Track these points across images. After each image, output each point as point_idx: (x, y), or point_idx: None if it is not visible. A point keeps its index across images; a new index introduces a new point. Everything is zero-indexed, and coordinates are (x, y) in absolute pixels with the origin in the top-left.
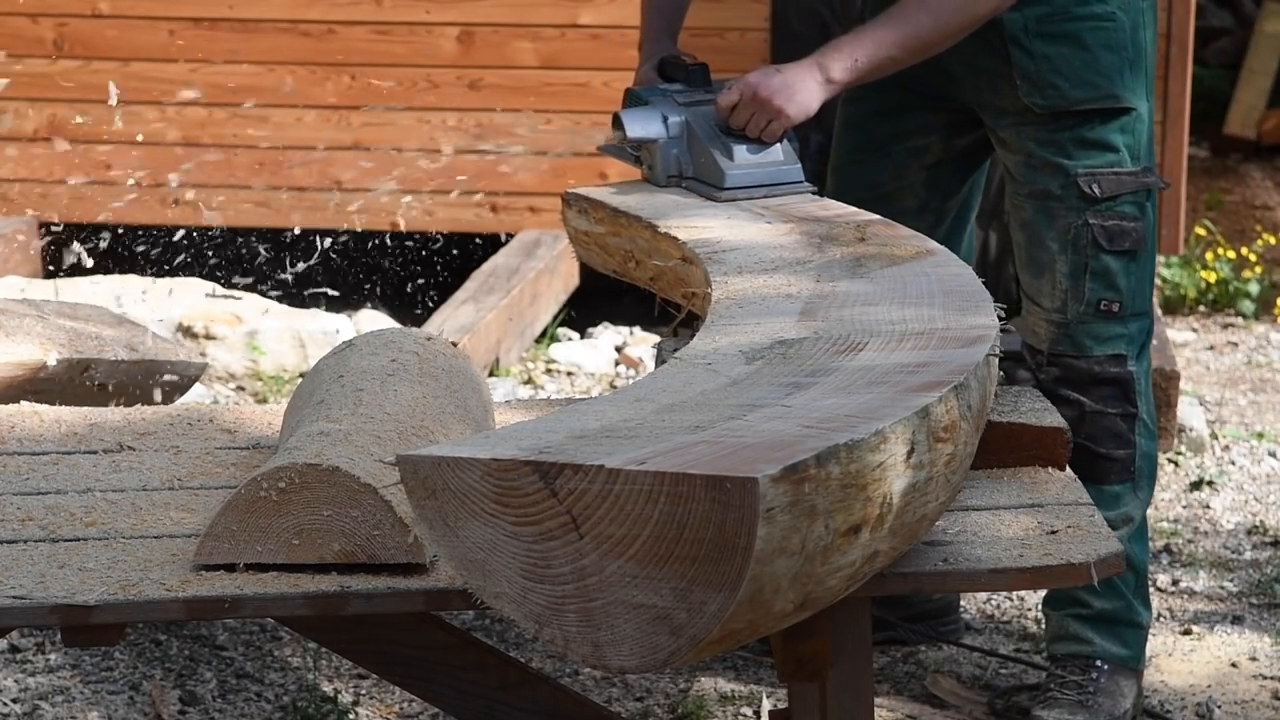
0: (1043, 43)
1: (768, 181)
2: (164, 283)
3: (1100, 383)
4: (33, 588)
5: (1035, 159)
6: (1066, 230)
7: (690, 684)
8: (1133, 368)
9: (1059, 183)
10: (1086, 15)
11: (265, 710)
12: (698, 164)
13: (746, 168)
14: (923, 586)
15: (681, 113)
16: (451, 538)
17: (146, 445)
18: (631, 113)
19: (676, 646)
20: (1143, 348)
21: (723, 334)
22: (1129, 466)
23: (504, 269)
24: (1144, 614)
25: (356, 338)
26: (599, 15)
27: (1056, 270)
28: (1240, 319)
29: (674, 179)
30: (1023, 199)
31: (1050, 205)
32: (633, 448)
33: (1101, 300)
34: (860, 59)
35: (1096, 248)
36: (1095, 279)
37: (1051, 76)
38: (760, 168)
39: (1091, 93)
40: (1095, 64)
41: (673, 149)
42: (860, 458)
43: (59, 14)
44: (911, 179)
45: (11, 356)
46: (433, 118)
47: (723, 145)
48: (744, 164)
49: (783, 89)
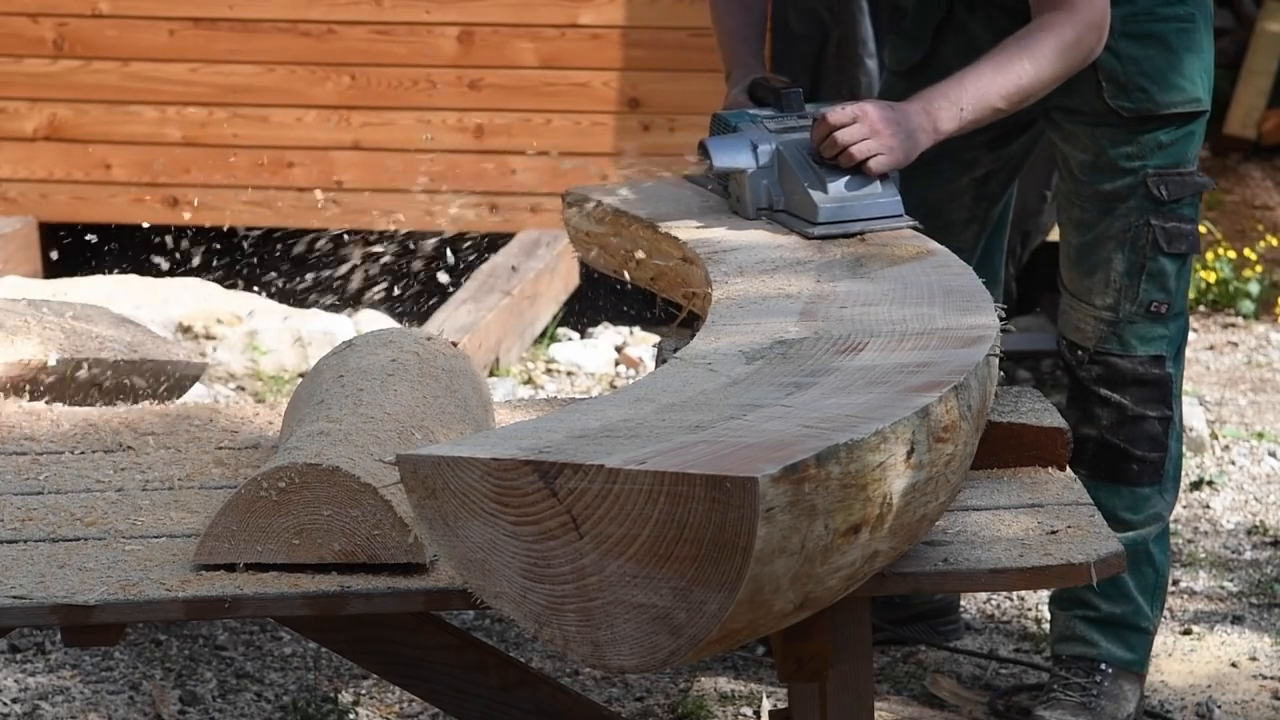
0: (1129, 43)
1: (864, 215)
2: (164, 282)
3: (1141, 383)
4: (33, 588)
5: (1105, 160)
6: (1127, 230)
7: (690, 684)
8: (1171, 369)
9: (1126, 184)
10: (1170, 16)
11: (265, 710)
12: (789, 196)
13: (841, 201)
14: (923, 586)
15: (772, 140)
16: (451, 537)
17: (146, 445)
18: (719, 141)
19: (676, 646)
20: (1179, 349)
21: (723, 334)
22: (1160, 469)
23: (504, 269)
24: (1152, 618)
25: (356, 338)
26: (599, 15)
27: (1112, 269)
28: (1240, 319)
29: (763, 211)
30: (1084, 199)
31: (1114, 206)
32: (633, 447)
33: (1153, 302)
34: (966, 110)
35: (1155, 249)
36: (1150, 280)
37: (1139, 79)
38: (857, 201)
39: (1178, 96)
40: (1180, 67)
41: (762, 180)
42: (860, 458)
43: (59, 14)
44: (960, 192)
45: (11, 356)
46: (433, 118)
47: (816, 177)
48: (838, 197)
49: (897, 126)
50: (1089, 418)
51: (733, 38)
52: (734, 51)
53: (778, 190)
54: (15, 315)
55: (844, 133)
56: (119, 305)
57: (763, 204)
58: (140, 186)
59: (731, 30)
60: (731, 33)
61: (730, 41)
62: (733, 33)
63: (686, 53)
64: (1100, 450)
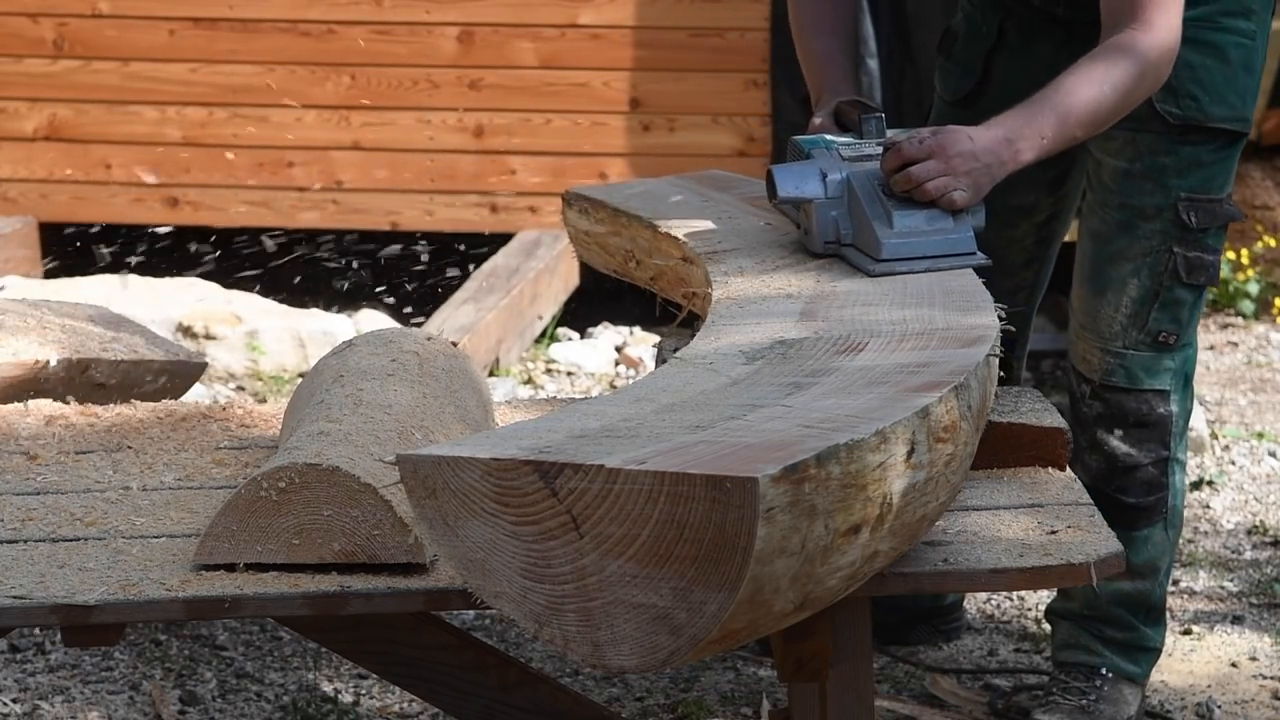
0: (1187, 48)
1: (933, 252)
2: (164, 282)
3: (1142, 424)
4: (33, 588)
5: (1139, 169)
6: (1147, 254)
7: (690, 684)
8: (1174, 407)
9: (1156, 202)
10: (1233, 29)
11: (265, 710)
12: (856, 230)
13: (908, 236)
14: (923, 586)
15: (843, 170)
16: (451, 537)
17: (146, 445)
18: (786, 169)
19: (676, 646)
20: (1186, 380)
21: (723, 334)
22: (1160, 510)
23: (504, 269)
24: (1157, 638)
25: (356, 338)
26: (599, 15)
27: (1125, 294)
28: (1240, 319)
29: (831, 245)
30: (1108, 210)
31: (1137, 223)
32: (633, 447)
33: (1162, 331)
34: (1047, 138)
35: (1174, 278)
36: (1163, 309)
37: (1191, 86)
38: (925, 236)
39: (1228, 112)
40: (1234, 82)
41: (831, 211)
42: (860, 458)
43: (59, 14)
44: (1021, 237)
45: (11, 356)
46: (433, 118)
47: (883, 209)
48: (905, 232)
49: (975, 160)
50: (1079, 460)
51: (819, 61)
52: (822, 76)
53: (846, 223)
54: (15, 315)
55: (918, 169)
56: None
57: (830, 237)
58: (140, 186)
59: (817, 54)
60: (817, 56)
61: (818, 66)
62: (819, 56)
63: (686, 53)
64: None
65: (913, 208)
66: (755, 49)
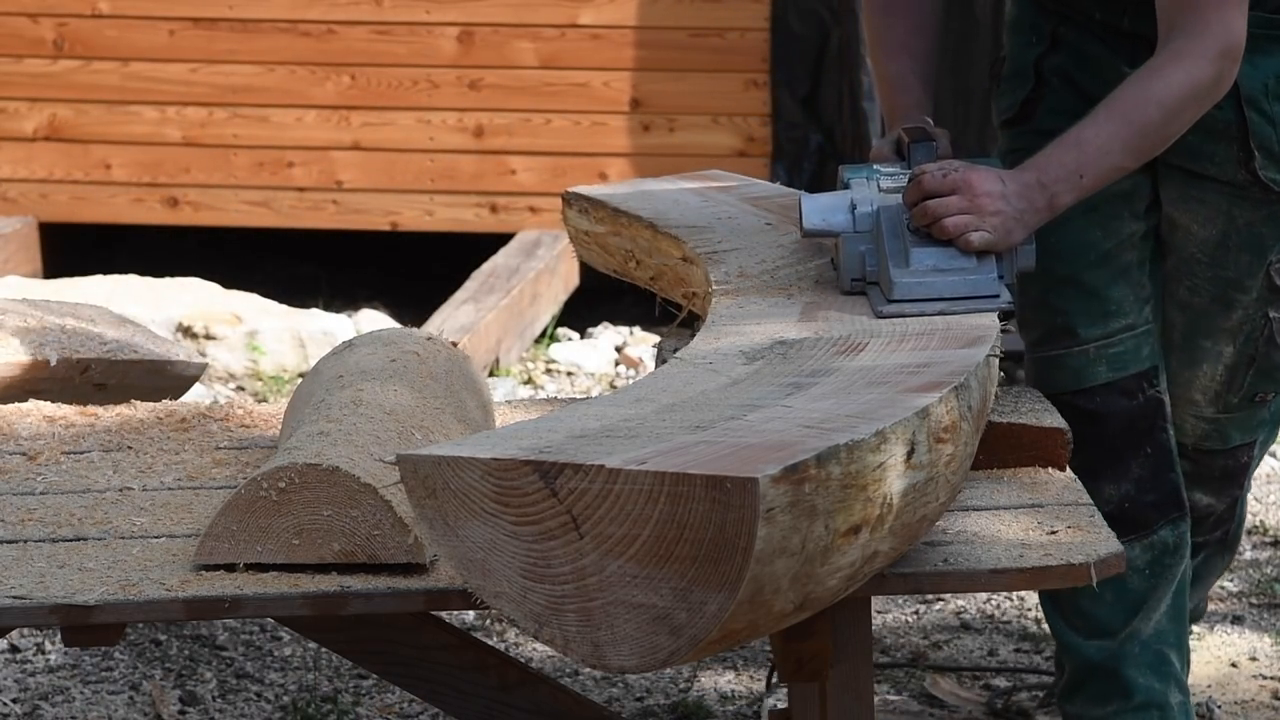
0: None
1: (950, 294)
2: (164, 282)
3: (1226, 476)
4: (33, 588)
5: (1235, 242)
6: (1243, 323)
7: (690, 684)
8: (1258, 450)
9: (1249, 270)
10: None
11: (265, 710)
12: (879, 267)
13: (924, 276)
14: (923, 587)
15: (875, 202)
16: (451, 537)
17: (146, 445)
18: (814, 199)
19: (676, 646)
20: (1276, 421)
21: (723, 334)
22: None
23: (504, 269)
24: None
25: (356, 338)
26: (599, 15)
27: (1220, 363)
28: None
29: (858, 283)
30: (1198, 280)
31: (1232, 295)
32: (633, 448)
33: (1257, 393)
34: (1087, 177)
35: (1270, 344)
36: (1259, 374)
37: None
38: (942, 275)
39: None
40: None
41: (858, 246)
42: (860, 458)
43: (59, 14)
44: (1128, 229)
45: (11, 356)
46: (433, 118)
47: (901, 245)
48: (921, 271)
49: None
50: None
51: (888, 85)
52: (890, 100)
53: (873, 259)
54: (15, 315)
55: (939, 203)
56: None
57: (857, 274)
58: (140, 186)
59: (887, 77)
60: (887, 79)
61: (887, 89)
62: (888, 79)
63: (686, 53)
64: None
65: (934, 244)
66: (755, 49)
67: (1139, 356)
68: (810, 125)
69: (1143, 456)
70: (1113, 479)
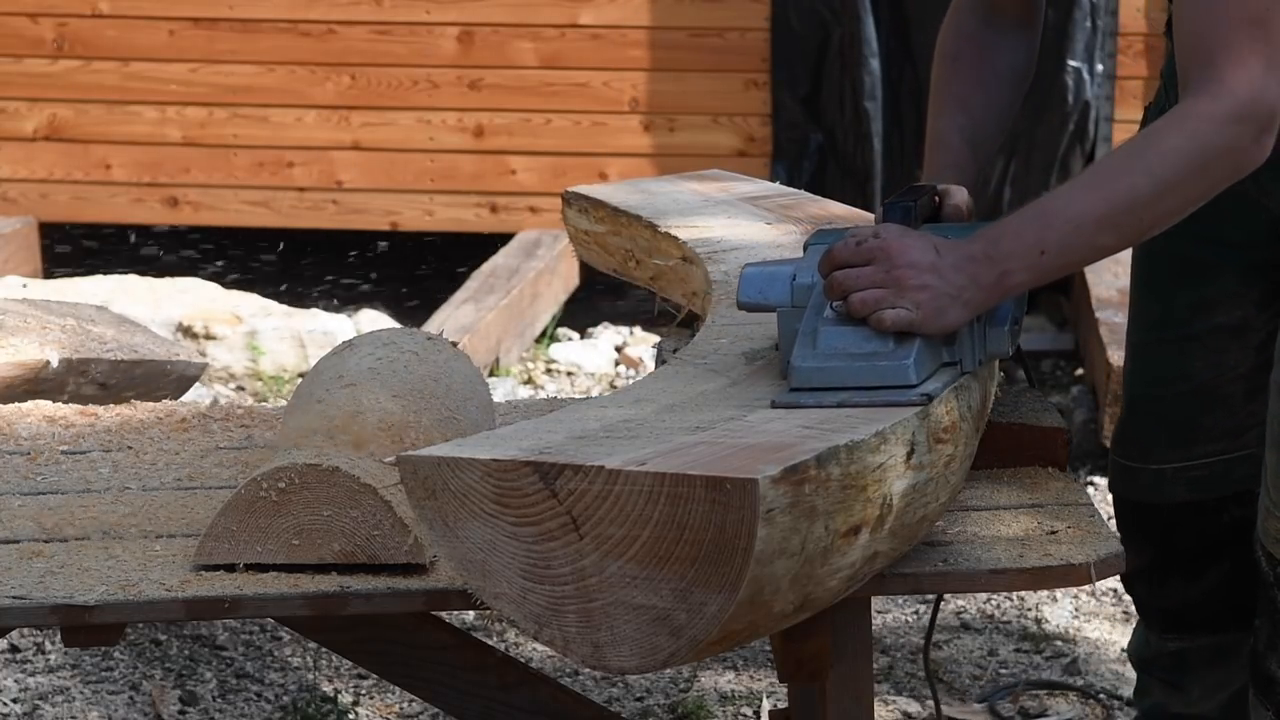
0: None
1: (853, 382)
2: (164, 282)
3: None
4: (33, 588)
5: None
6: None
7: (690, 684)
8: None
9: None
10: None
11: (265, 710)
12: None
13: (827, 360)
14: (923, 587)
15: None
16: (451, 538)
17: (146, 445)
18: (756, 270)
19: (676, 647)
20: None
21: (723, 334)
22: None
23: (504, 269)
24: None
25: (356, 338)
26: (599, 15)
27: None
28: None
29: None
30: None
31: None
32: (633, 448)
33: None
34: (1050, 253)
35: None
36: None
37: None
38: (849, 360)
39: None
40: None
41: (794, 323)
42: (860, 459)
43: (59, 14)
44: (1234, 364)
45: (12, 356)
46: (433, 118)
47: (810, 325)
48: (826, 354)
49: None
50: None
51: (931, 144)
52: (928, 160)
53: None
54: (15, 315)
55: (846, 275)
56: (119, 305)
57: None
58: (140, 186)
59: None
60: (931, 137)
61: (928, 148)
62: (933, 138)
63: (686, 53)
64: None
65: (853, 324)
66: (755, 49)
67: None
68: (810, 125)
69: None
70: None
